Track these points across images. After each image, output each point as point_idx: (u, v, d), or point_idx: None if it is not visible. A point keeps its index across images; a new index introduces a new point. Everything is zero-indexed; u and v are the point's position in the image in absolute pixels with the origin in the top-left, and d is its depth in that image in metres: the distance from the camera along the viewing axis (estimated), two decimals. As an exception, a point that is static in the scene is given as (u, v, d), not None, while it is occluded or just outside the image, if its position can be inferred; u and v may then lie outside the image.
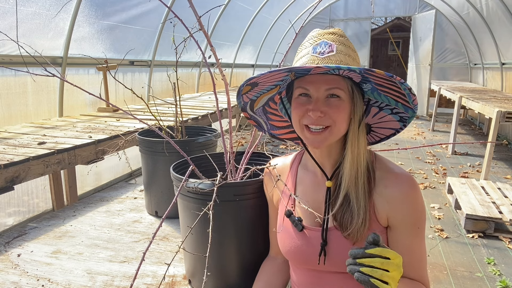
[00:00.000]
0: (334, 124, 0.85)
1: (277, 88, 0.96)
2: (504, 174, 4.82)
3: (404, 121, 0.92)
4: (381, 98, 0.90)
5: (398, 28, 16.01)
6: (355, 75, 0.84)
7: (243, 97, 0.97)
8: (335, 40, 0.88)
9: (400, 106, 0.89)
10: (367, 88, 0.89)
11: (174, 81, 1.72)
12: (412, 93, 0.82)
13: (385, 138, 0.99)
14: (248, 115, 1.03)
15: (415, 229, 0.87)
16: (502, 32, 6.62)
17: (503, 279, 2.47)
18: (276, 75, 0.86)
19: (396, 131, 0.95)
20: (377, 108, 0.93)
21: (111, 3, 4.13)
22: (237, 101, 0.98)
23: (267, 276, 1.05)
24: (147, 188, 1.68)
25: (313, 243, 0.91)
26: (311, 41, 0.90)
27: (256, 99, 0.99)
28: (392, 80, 0.80)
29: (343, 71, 0.80)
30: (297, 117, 0.88)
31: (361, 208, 0.85)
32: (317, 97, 0.85)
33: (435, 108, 7.75)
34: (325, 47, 0.86)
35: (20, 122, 3.25)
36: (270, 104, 1.01)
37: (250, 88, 0.93)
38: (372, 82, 0.85)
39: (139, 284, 1.18)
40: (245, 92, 0.95)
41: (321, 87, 0.85)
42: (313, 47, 0.88)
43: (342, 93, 0.85)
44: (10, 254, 1.36)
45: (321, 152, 0.93)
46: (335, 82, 0.84)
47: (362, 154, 0.88)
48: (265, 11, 7.90)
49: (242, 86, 0.92)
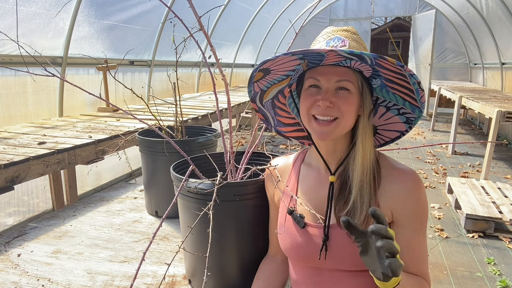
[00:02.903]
0: (342, 116, 0.86)
1: (288, 80, 0.96)
2: (504, 174, 4.82)
3: (410, 122, 0.92)
4: (389, 96, 0.90)
5: (398, 28, 16.03)
6: (365, 68, 0.84)
7: (254, 86, 0.97)
8: (348, 36, 0.89)
9: (408, 106, 0.89)
10: (376, 84, 0.90)
11: (174, 81, 1.72)
12: (420, 88, 0.82)
13: (389, 141, 1.00)
14: (256, 107, 1.03)
15: (418, 225, 0.88)
16: (502, 32, 6.62)
17: (503, 279, 2.47)
18: (289, 61, 0.87)
19: (401, 134, 0.96)
20: (385, 108, 0.94)
21: (111, 3, 4.13)
22: (248, 90, 0.98)
23: (266, 275, 1.05)
24: (147, 188, 1.68)
25: (315, 240, 0.91)
26: (324, 36, 0.91)
27: (266, 90, 0.99)
28: (402, 73, 0.81)
29: (355, 62, 0.81)
30: (305, 108, 0.89)
31: (365, 204, 0.86)
32: (327, 87, 0.86)
33: (435, 108, 7.75)
34: (338, 42, 0.88)
35: (20, 122, 3.24)
36: (279, 98, 1.02)
37: (262, 75, 0.93)
38: (382, 77, 0.86)
39: (139, 284, 1.18)
40: (257, 80, 0.95)
41: (332, 79, 0.85)
42: (326, 41, 0.89)
43: (352, 86, 0.86)
44: (10, 254, 1.36)
45: (326, 148, 0.93)
46: (346, 75, 0.85)
47: (370, 150, 0.89)
48: (265, 11, 7.90)
49: (255, 72, 0.91)
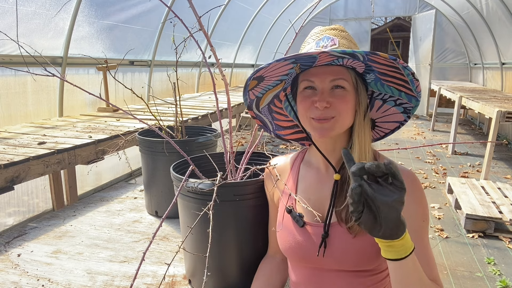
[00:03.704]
0: (339, 114, 0.86)
1: (282, 84, 0.97)
2: (504, 174, 4.82)
3: (408, 112, 0.92)
4: (384, 89, 0.90)
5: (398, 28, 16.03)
6: (358, 65, 0.84)
7: (250, 94, 0.97)
8: (337, 35, 0.89)
9: (404, 96, 0.89)
10: (370, 78, 0.90)
11: (174, 81, 1.72)
12: (415, 79, 0.82)
13: (389, 132, 0.99)
14: (253, 114, 1.03)
15: (419, 223, 0.85)
16: (502, 32, 6.62)
17: (503, 279, 2.47)
18: (282, 67, 0.87)
19: (400, 124, 0.96)
20: (381, 101, 0.94)
21: (111, 3, 4.13)
22: (243, 98, 0.98)
23: (265, 276, 1.05)
24: (147, 188, 1.68)
25: (314, 239, 0.90)
26: (313, 37, 0.91)
27: (261, 96, 0.99)
28: (395, 66, 0.81)
29: (347, 60, 0.81)
30: (303, 111, 0.89)
31: None
32: (322, 88, 0.86)
33: (435, 108, 7.75)
34: (327, 41, 0.88)
35: (20, 122, 3.24)
36: (275, 102, 1.02)
37: (256, 83, 0.93)
38: (376, 71, 0.86)
39: (139, 284, 1.18)
40: (252, 88, 0.95)
41: (326, 78, 0.85)
42: (316, 42, 0.89)
43: (347, 84, 0.86)
44: (10, 254, 1.36)
45: (326, 147, 0.93)
46: (339, 73, 0.85)
47: (368, 146, 0.89)
48: (265, 11, 7.90)
49: (249, 80, 0.92)
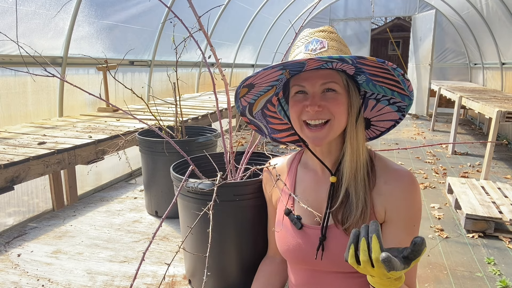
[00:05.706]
0: (333, 117, 0.85)
1: (274, 89, 0.96)
2: (504, 174, 4.82)
3: (402, 110, 0.92)
4: (376, 89, 0.90)
5: (398, 28, 16.02)
6: (348, 67, 0.84)
7: (241, 100, 0.97)
8: (326, 37, 0.88)
9: (397, 95, 0.89)
10: (361, 80, 0.89)
11: (174, 81, 1.72)
12: (406, 79, 0.82)
13: (385, 131, 0.99)
14: (247, 119, 1.02)
15: (410, 226, 0.86)
16: (502, 32, 6.62)
17: (503, 279, 2.47)
18: (271, 74, 0.87)
19: (396, 122, 0.96)
20: (374, 101, 0.93)
21: (111, 3, 4.13)
22: (236, 105, 0.98)
23: (265, 277, 1.05)
24: (147, 188, 1.68)
25: (312, 241, 0.90)
26: (302, 40, 0.90)
27: (254, 102, 0.99)
28: (385, 68, 0.80)
29: (336, 64, 0.81)
30: (295, 115, 0.89)
31: (360, 200, 0.85)
32: (313, 92, 0.86)
33: (435, 108, 7.75)
34: (316, 44, 0.87)
35: (20, 122, 3.24)
36: (268, 107, 1.01)
37: (247, 90, 0.93)
38: (366, 72, 0.86)
39: (139, 284, 1.18)
40: (243, 95, 0.95)
41: (317, 82, 0.85)
42: (305, 46, 0.88)
43: (338, 86, 0.85)
44: (10, 254, 1.36)
45: (321, 150, 0.93)
46: (329, 76, 0.85)
47: (361, 147, 0.88)
48: (265, 11, 7.90)
49: (239, 89, 0.92)
